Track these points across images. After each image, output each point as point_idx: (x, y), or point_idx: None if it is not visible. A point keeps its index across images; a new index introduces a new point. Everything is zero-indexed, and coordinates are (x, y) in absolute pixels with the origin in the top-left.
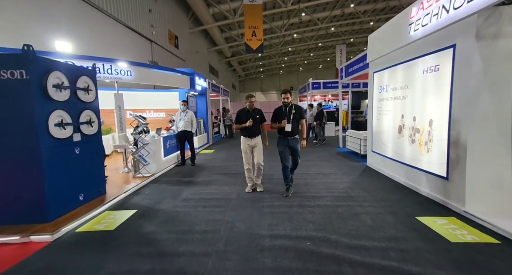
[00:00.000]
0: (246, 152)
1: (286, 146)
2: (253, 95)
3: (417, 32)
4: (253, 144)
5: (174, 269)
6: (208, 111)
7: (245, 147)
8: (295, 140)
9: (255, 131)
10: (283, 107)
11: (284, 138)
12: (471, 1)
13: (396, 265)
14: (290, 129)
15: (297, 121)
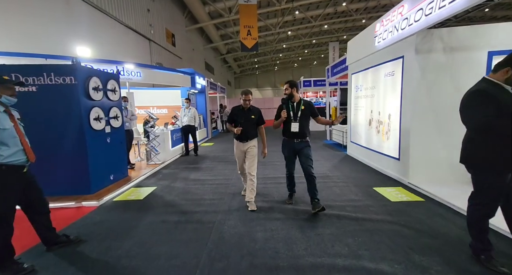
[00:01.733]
0: (239, 156)
1: (291, 150)
2: (250, 91)
3: (380, 44)
4: (246, 149)
5: (194, 220)
6: (207, 107)
7: (237, 152)
8: (304, 143)
9: (249, 134)
10: (289, 102)
11: (289, 140)
12: (411, 25)
13: (348, 214)
14: (297, 129)
15: (306, 119)
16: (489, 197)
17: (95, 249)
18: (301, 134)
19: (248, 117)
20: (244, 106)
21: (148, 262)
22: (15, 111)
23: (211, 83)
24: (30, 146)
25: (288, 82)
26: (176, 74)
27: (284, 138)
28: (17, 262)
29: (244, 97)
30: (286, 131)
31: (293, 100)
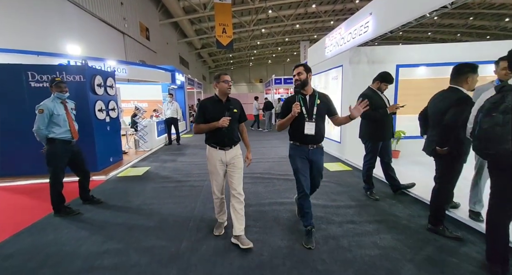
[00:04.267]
0: (217, 172)
1: (305, 159)
2: (227, 74)
3: (328, 54)
4: (229, 159)
5: (187, 185)
6: (186, 102)
7: (214, 166)
8: (320, 150)
9: (234, 135)
10: (300, 96)
11: (301, 146)
12: (346, 43)
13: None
14: (313, 132)
15: (323, 117)
16: (371, 156)
17: (119, 201)
18: (318, 138)
19: (230, 110)
20: (220, 96)
21: (160, 206)
22: (72, 102)
23: (189, 79)
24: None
25: (301, 65)
26: (158, 71)
27: (294, 143)
28: (68, 207)
29: (225, 78)
30: (297, 134)
31: (305, 91)
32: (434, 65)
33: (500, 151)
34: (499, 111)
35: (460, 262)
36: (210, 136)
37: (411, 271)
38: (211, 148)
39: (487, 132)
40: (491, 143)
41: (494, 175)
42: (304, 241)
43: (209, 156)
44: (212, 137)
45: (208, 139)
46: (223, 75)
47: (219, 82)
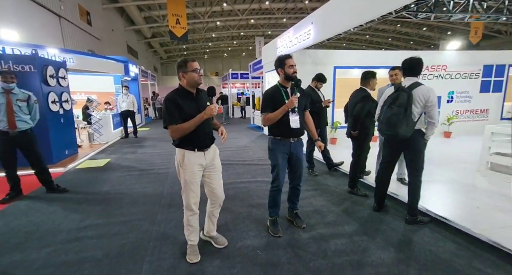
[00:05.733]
0: (195, 181)
1: (286, 154)
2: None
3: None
4: (209, 161)
5: (153, 172)
6: (140, 94)
7: (192, 171)
8: (300, 143)
9: (212, 133)
10: (281, 88)
11: (284, 140)
12: (295, 45)
13: (259, 163)
14: (298, 125)
15: (302, 111)
16: (311, 141)
17: (86, 189)
18: (302, 130)
19: (203, 105)
20: (190, 88)
21: (129, 190)
22: (25, 93)
23: (142, 70)
24: None
25: (290, 57)
26: (109, 61)
27: (275, 138)
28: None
29: (194, 66)
30: (282, 127)
31: (287, 84)
32: (364, 67)
33: (394, 132)
34: (396, 105)
35: (364, 209)
36: (186, 137)
37: (333, 218)
38: (187, 152)
39: (388, 119)
40: (390, 126)
41: (386, 147)
42: (272, 230)
43: (186, 162)
44: (189, 138)
45: (182, 142)
46: (190, 62)
47: (186, 71)
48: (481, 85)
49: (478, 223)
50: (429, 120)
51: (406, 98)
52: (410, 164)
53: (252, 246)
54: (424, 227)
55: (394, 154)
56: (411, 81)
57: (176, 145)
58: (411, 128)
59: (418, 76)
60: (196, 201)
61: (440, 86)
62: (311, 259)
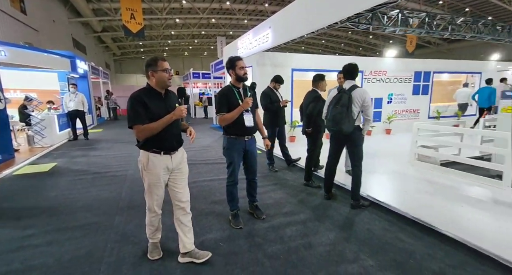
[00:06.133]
0: (160, 184)
1: (241, 151)
2: (165, 60)
3: (241, 55)
4: (175, 165)
5: (109, 175)
6: (91, 93)
7: (157, 175)
8: (253, 139)
9: (180, 135)
10: (234, 89)
11: (239, 139)
12: (255, 47)
13: (217, 162)
14: (252, 123)
15: (254, 110)
16: (271, 140)
17: (28, 197)
18: (255, 129)
19: (172, 106)
20: (159, 88)
21: (82, 194)
22: None
23: (93, 67)
24: None
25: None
26: (51, 56)
27: (230, 137)
28: None
29: (164, 66)
30: (237, 126)
31: (239, 85)
32: (319, 70)
33: (339, 128)
34: (339, 104)
35: (317, 199)
36: (152, 139)
37: (290, 208)
38: (152, 154)
39: (333, 117)
40: (335, 124)
41: (332, 142)
42: (234, 223)
43: (150, 165)
44: (156, 140)
45: (147, 143)
46: (161, 61)
47: (156, 70)
48: (413, 89)
49: (405, 204)
50: (365, 117)
51: (347, 98)
52: (352, 155)
53: (214, 239)
54: (365, 210)
55: (339, 147)
56: (350, 84)
57: (140, 147)
58: (352, 125)
59: (355, 79)
60: (159, 203)
61: (381, 89)
62: (269, 246)
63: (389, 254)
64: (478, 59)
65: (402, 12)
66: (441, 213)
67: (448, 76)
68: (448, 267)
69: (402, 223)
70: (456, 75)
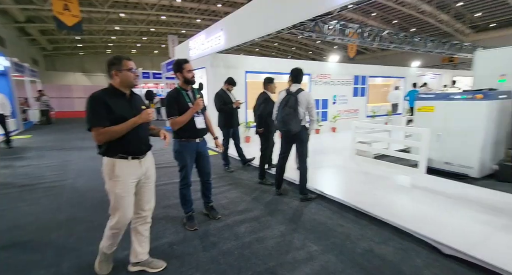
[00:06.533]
0: (129, 194)
1: (193, 153)
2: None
3: (193, 56)
4: (145, 170)
5: (40, 187)
6: (13, 94)
7: (126, 183)
8: (204, 141)
9: (149, 138)
10: (182, 91)
11: (189, 142)
12: (207, 49)
13: (170, 165)
14: (203, 125)
15: (203, 112)
16: (226, 141)
17: None
18: (206, 130)
19: (137, 108)
20: (124, 88)
21: (7, 211)
22: None
23: (16, 64)
24: None
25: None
26: None
27: (181, 140)
28: None
29: (129, 65)
30: (188, 129)
31: (188, 87)
32: (271, 73)
33: (288, 128)
34: (288, 106)
35: (270, 195)
36: (118, 143)
37: (245, 206)
38: (119, 160)
39: (283, 117)
40: (285, 124)
41: (282, 141)
42: (189, 225)
43: (118, 172)
44: (122, 144)
45: (112, 148)
46: (125, 61)
47: (120, 70)
48: (353, 91)
49: (345, 194)
50: (310, 118)
51: (294, 100)
52: (299, 153)
53: (168, 243)
54: (312, 202)
55: (288, 146)
56: (296, 87)
57: (103, 153)
58: (299, 124)
59: (301, 82)
60: (129, 218)
61: (327, 91)
62: (224, 243)
63: (331, 238)
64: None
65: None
66: (373, 199)
67: (380, 80)
68: (375, 243)
69: (343, 210)
70: (386, 79)
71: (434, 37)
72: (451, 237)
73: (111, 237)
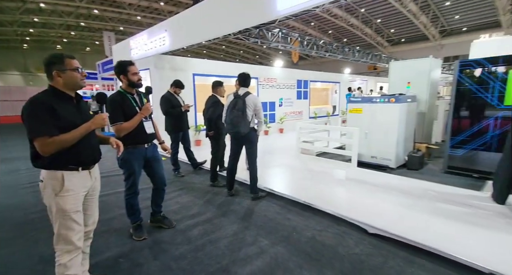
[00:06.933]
0: (79, 209)
1: (141, 160)
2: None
3: (135, 56)
4: (94, 180)
5: None
6: None
7: (77, 197)
8: (154, 146)
9: (98, 145)
10: (128, 95)
11: (138, 147)
12: (151, 49)
13: (112, 174)
14: (153, 130)
15: (151, 117)
16: (174, 145)
17: None
18: (154, 135)
19: (86, 112)
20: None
21: None
22: None
23: None
24: None
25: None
26: None
27: (128, 148)
28: None
29: (74, 65)
30: (136, 135)
31: (133, 91)
32: (220, 76)
33: (237, 130)
34: (236, 109)
35: (222, 197)
36: (68, 153)
37: (197, 209)
38: (68, 173)
39: (231, 120)
40: (233, 126)
41: (232, 143)
42: (136, 235)
43: (68, 186)
44: (72, 153)
45: (59, 159)
46: (68, 59)
47: (63, 70)
48: (297, 94)
49: (292, 189)
50: (258, 120)
51: (242, 103)
52: (249, 154)
53: (112, 257)
54: (263, 200)
55: (238, 148)
56: (244, 90)
57: (45, 167)
58: (248, 126)
59: (248, 86)
60: (81, 236)
61: (273, 94)
62: (176, 249)
63: (280, 232)
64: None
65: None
66: (315, 193)
67: (320, 84)
68: (317, 231)
69: (290, 205)
70: (325, 84)
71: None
72: (375, 218)
73: (74, 264)
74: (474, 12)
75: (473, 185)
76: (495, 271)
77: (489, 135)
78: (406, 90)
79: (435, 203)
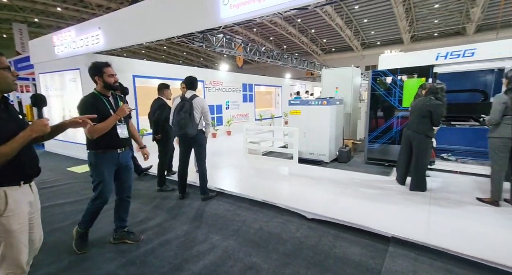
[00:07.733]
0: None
1: (112, 166)
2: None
3: (60, 54)
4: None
5: None
6: None
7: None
8: (128, 152)
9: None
10: (102, 97)
11: (110, 152)
12: (81, 47)
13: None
14: (127, 135)
15: (127, 120)
16: None
17: None
18: (130, 140)
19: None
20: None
21: None
22: None
23: None
24: None
25: (109, 65)
26: None
27: (98, 152)
28: None
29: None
30: (108, 138)
31: (108, 93)
32: (162, 78)
33: (185, 132)
34: (183, 111)
35: (172, 201)
36: (8, 166)
37: (144, 215)
38: (10, 189)
39: (178, 122)
40: (180, 128)
41: (181, 145)
42: (78, 247)
43: (12, 205)
44: (12, 166)
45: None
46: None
47: None
48: (243, 97)
49: (240, 187)
50: (206, 122)
51: (189, 106)
52: (197, 156)
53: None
54: (213, 200)
55: (187, 150)
56: (191, 93)
57: None
58: (195, 128)
59: (195, 89)
60: (26, 256)
61: (220, 97)
62: (124, 256)
63: (230, 227)
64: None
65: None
66: (262, 188)
67: (264, 88)
68: (264, 222)
69: (239, 202)
70: (268, 87)
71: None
72: (313, 206)
73: None
74: (384, 29)
75: (385, 172)
76: (396, 235)
77: (394, 131)
78: (335, 94)
79: (359, 189)
